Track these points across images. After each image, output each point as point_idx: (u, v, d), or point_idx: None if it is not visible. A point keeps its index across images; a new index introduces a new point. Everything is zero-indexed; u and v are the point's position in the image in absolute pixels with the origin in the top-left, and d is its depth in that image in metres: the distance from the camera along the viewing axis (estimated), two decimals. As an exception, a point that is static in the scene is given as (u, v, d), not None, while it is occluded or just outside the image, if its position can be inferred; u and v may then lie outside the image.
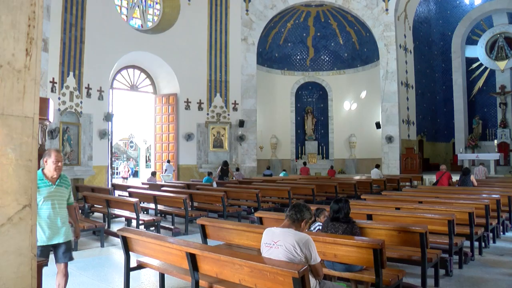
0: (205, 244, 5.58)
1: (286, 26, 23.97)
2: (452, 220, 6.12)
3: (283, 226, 3.82)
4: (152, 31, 20.27)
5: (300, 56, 25.32)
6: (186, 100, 20.57)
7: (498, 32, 25.57)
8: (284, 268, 3.38)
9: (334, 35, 24.45)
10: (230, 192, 12.23)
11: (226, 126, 21.32)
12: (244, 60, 21.87)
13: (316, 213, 5.50)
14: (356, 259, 4.56)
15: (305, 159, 24.27)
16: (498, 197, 8.75)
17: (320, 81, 25.41)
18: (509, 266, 6.37)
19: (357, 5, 22.10)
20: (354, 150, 24.40)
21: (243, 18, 21.89)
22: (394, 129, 21.40)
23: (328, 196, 13.25)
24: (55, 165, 4.47)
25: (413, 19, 23.97)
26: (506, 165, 23.12)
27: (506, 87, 24.96)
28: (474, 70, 26.60)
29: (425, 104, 25.99)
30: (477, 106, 26.79)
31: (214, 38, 21.28)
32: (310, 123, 25.61)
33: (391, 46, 21.63)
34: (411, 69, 23.64)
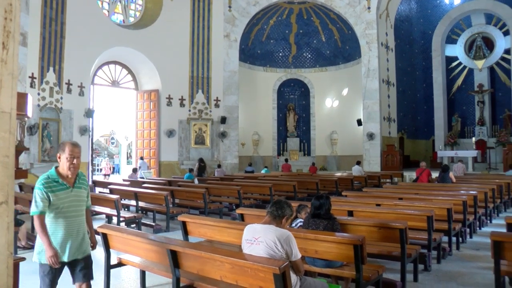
0: (186, 241, 5.58)
1: (268, 23, 23.97)
2: (431, 216, 6.21)
3: (264, 222, 3.83)
4: (134, 26, 20.09)
5: (283, 53, 25.35)
6: (168, 96, 20.45)
7: (476, 32, 25.98)
8: (265, 265, 3.39)
9: (317, 32, 24.53)
10: (212, 188, 12.21)
11: (208, 123, 21.26)
12: (227, 56, 21.81)
13: (298, 210, 5.53)
14: (337, 255, 4.61)
15: (287, 156, 24.34)
16: (476, 194, 8.90)
17: (302, 78, 25.49)
18: (485, 260, 6.48)
19: (339, 3, 22.20)
20: (336, 147, 24.55)
21: (226, 15, 21.82)
22: (375, 126, 21.58)
23: (309, 193, 13.30)
24: (69, 162, 3.66)
25: (395, 18, 24.17)
26: (483, 162, 23.49)
27: (484, 86, 25.34)
28: (453, 69, 26.94)
29: (406, 102, 26.26)
30: (456, 104, 27.15)
31: (196, 34, 21.18)
32: (292, 120, 25.68)
33: (372, 44, 21.79)
34: (392, 67, 23.85)
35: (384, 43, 22.82)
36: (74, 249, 3.68)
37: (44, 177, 3.63)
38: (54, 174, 3.66)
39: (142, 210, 11.35)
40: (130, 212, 10.63)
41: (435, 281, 5.74)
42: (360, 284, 4.44)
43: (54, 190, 3.58)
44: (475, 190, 9.59)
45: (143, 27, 19.99)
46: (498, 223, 9.81)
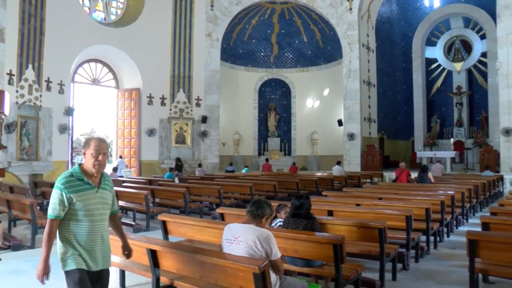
0: (166, 240, 5.55)
1: (250, 22, 23.97)
2: (409, 216, 6.29)
3: (244, 222, 3.83)
4: (115, 24, 19.91)
5: (264, 53, 25.38)
6: (149, 95, 20.33)
7: (455, 35, 26.43)
8: (244, 264, 3.40)
9: (298, 32, 24.62)
10: (192, 188, 12.18)
11: (189, 122, 21.18)
12: (208, 55, 21.76)
13: (277, 209, 5.54)
14: (317, 255, 4.63)
15: (268, 156, 24.38)
16: (453, 194, 9.03)
17: (284, 78, 25.56)
18: (461, 258, 6.59)
19: (321, 4, 22.32)
20: (316, 147, 24.67)
21: (208, 14, 21.77)
22: (355, 127, 21.75)
23: (290, 193, 13.34)
24: (94, 159, 3.22)
25: (376, 19, 24.38)
26: (461, 162, 23.86)
27: (462, 88, 25.78)
28: (433, 71, 27.32)
29: (386, 103, 26.52)
30: (436, 105, 27.54)
31: (178, 33, 21.09)
32: (273, 119, 25.73)
33: (354, 45, 21.95)
34: (373, 68, 24.06)
35: (365, 44, 23.01)
36: (102, 258, 3.30)
37: (66, 175, 3.19)
38: (78, 171, 3.23)
39: (122, 209, 11.26)
40: (110, 211, 10.48)
41: (413, 280, 5.82)
42: (340, 283, 4.47)
43: (77, 190, 3.15)
44: (453, 190, 9.72)
45: (124, 25, 19.83)
46: (474, 222, 9.97)
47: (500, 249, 4.54)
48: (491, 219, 5.81)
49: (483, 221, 5.71)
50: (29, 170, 15.56)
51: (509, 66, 18.10)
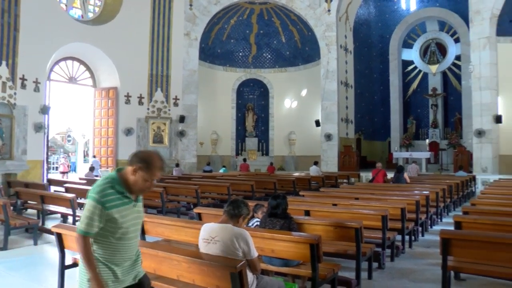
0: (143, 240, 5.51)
1: (229, 22, 23.95)
2: (385, 216, 6.38)
3: (221, 221, 3.84)
4: (93, 22, 19.65)
5: (243, 53, 25.39)
6: (127, 94, 20.14)
7: (430, 38, 26.91)
8: (221, 263, 3.42)
9: (277, 33, 24.69)
10: (170, 188, 12.11)
11: (167, 122, 21.06)
12: (186, 55, 21.67)
13: (254, 209, 5.56)
14: (293, 254, 4.67)
15: (245, 156, 24.39)
16: (428, 194, 9.19)
17: (262, 78, 25.60)
18: (434, 257, 6.71)
19: (300, 5, 22.43)
20: (294, 147, 24.77)
21: (187, 13, 21.67)
22: (333, 127, 21.92)
23: (267, 193, 13.36)
24: (149, 184, 2.93)
25: (354, 21, 24.60)
26: (436, 163, 24.28)
27: (437, 90, 26.25)
28: (409, 72, 27.74)
29: (363, 104, 26.79)
30: (412, 106, 27.94)
31: (156, 32, 20.94)
32: (250, 120, 25.75)
33: (332, 46, 22.11)
34: (351, 69, 24.29)
35: (343, 46, 23.21)
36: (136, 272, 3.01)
37: (106, 187, 2.81)
38: (119, 184, 2.86)
39: (98, 210, 11.11)
40: (86, 211, 10.35)
41: (388, 278, 5.92)
42: (316, 282, 4.51)
43: (117, 205, 2.80)
44: (428, 190, 9.89)
45: (102, 23, 19.59)
46: (448, 221, 10.14)
47: (471, 247, 4.66)
48: (463, 218, 5.93)
49: (455, 220, 5.83)
50: (3, 169, 15.24)
51: (481, 70, 18.52)
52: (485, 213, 6.73)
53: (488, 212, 6.74)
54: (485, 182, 16.24)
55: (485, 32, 18.49)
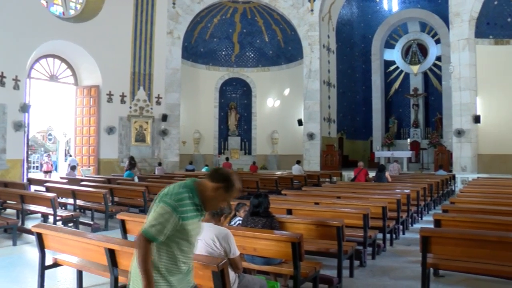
0: (125, 240, 5.49)
1: (212, 21, 23.91)
2: (367, 214, 6.44)
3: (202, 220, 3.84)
4: (75, 19, 19.42)
5: (226, 52, 25.37)
6: (109, 92, 19.97)
7: (412, 39, 27.25)
8: (203, 262, 3.42)
9: (260, 32, 24.72)
10: (152, 187, 12.04)
11: (149, 120, 20.95)
12: (169, 53, 21.58)
13: (236, 208, 5.57)
14: (275, 253, 4.69)
15: (228, 155, 24.40)
16: (409, 192, 9.30)
17: (245, 77, 25.61)
18: (415, 254, 6.80)
19: (283, 4, 22.50)
20: (276, 146, 24.83)
21: (170, 11, 21.57)
22: (315, 127, 22.02)
23: (250, 192, 13.35)
24: (226, 202, 3.03)
25: (337, 21, 24.74)
26: (417, 162, 24.59)
27: (419, 90, 26.59)
28: (391, 72, 28.02)
29: (346, 103, 26.96)
30: (393, 106, 28.22)
31: (139, 30, 20.79)
32: (233, 118, 25.75)
33: (315, 45, 22.22)
34: (333, 68, 24.43)
35: (326, 45, 23.32)
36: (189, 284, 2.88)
37: (185, 197, 2.70)
38: (197, 196, 2.75)
39: (80, 209, 11.04)
40: (68, 211, 10.28)
41: (369, 276, 5.97)
42: (298, 280, 4.54)
43: (191, 217, 2.70)
44: (409, 189, 10.01)
45: (84, 21, 19.37)
46: (428, 219, 10.26)
47: (450, 244, 4.75)
48: (442, 216, 6.02)
49: (435, 218, 5.92)
50: (-19, 168, 15.04)
51: (461, 70, 18.80)
52: (464, 211, 6.82)
53: (467, 210, 6.84)
54: (464, 181, 16.47)
55: (464, 34, 18.78)
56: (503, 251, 4.49)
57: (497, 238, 4.53)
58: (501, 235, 4.64)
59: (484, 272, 5.04)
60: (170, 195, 2.66)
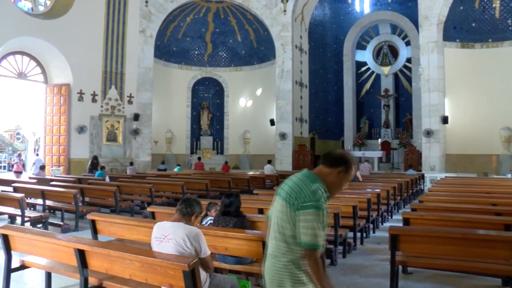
0: (95, 240, 5.44)
1: (185, 20, 23.79)
2: (337, 214, 6.53)
3: (173, 220, 3.84)
4: (44, 16, 19.02)
5: (198, 51, 25.28)
6: (80, 91, 19.66)
7: (383, 40, 27.67)
8: (174, 262, 3.42)
9: (233, 32, 24.72)
10: (123, 187, 11.95)
11: (121, 119, 20.71)
12: (141, 52, 21.38)
13: (208, 208, 5.58)
14: (247, 252, 4.71)
15: (200, 154, 24.34)
16: (379, 192, 9.45)
17: (217, 77, 25.56)
18: (384, 252, 6.92)
19: (256, 4, 22.55)
20: (249, 146, 24.86)
21: (142, 10, 21.37)
22: (287, 126, 22.15)
23: (221, 191, 13.38)
24: (347, 184, 2.84)
25: (309, 22, 24.93)
26: (388, 162, 24.99)
27: (389, 91, 27.02)
28: (363, 73, 28.38)
29: (318, 103, 27.18)
30: (365, 107, 28.60)
31: (111, 28, 20.51)
32: (205, 118, 25.67)
33: (287, 46, 22.34)
34: (306, 69, 24.61)
35: (298, 46, 23.47)
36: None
37: (322, 193, 2.60)
38: (325, 188, 2.66)
39: (50, 209, 10.86)
40: (37, 212, 10.09)
41: (340, 274, 6.06)
42: (269, 279, 4.56)
43: (327, 214, 2.64)
44: (379, 188, 10.15)
45: (54, 17, 18.99)
46: (398, 218, 10.44)
47: (418, 242, 4.88)
48: (411, 215, 6.15)
49: (404, 217, 6.04)
50: None
51: (430, 72, 19.20)
52: (432, 209, 6.98)
53: (434, 209, 7.00)
54: (433, 180, 16.80)
55: (433, 37, 19.19)
56: (468, 247, 4.65)
57: (462, 235, 4.68)
58: (466, 232, 4.80)
59: (450, 268, 5.20)
60: (310, 197, 2.57)
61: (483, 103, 19.12)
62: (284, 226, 2.61)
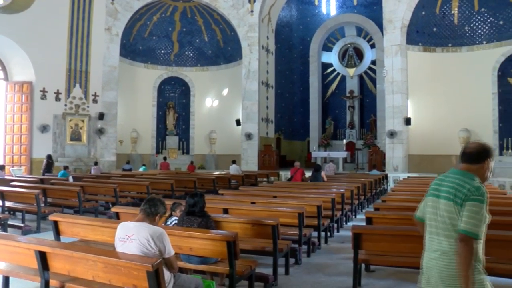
0: (57, 241, 5.35)
1: (152, 19, 23.57)
2: (302, 213, 6.59)
3: (137, 220, 3.82)
4: (4, 10, 18.45)
5: (165, 51, 25.07)
6: (43, 89, 19.21)
7: (348, 42, 28.12)
8: (137, 262, 3.40)
9: (200, 31, 24.63)
10: (87, 187, 11.77)
11: (85, 119, 20.35)
12: (107, 50, 21.06)
13: (172, 208, 5.56)
14: (211, 252, 4.73)
15: (166, 154, 24.14)
16: (343, 191, 9.60)
17: (183, 76, 25.40)
18: (348, 251, 7.03)
19: (223, 4, 22.53)
20: (215, 146, 24.79)
21: (108, 7, 21.04)
22: (253, 127, 22.22)
23: (187, 191, 13.35)
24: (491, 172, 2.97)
25: (276, 23, 25.06)
26: (353, 162, 25.37)
27: (354, 92, 27.45)
28: (328, 75, 28.74)
29: (284, 104, 27.36)
30: (330, 107, 28.97)
31: (76, 26, 20.10)
32: (171, 118, 25.47)
33: (254, 46, 22.41)
34: (272, 69, 24.72)
35: (265, 46, 23.57)
36: None
37: (486, 192, 2.77)
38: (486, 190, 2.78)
39: (10, 211, 10.60)
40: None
41: (304, 273, 6.14)
42: (234, 279, 4.61)
43: None
44: (343, 188, 10.32)
45: (15, 12, 18.45)
46: (362, 217, 10.64)
47: (380, 240, 5.02)
48: (373, 214, 6.29)
49: (367, 216, 6.18)
50: None
51: (393, 75, 19.63)
52: (393, 208, 7.16)
53: (396, 208, 7.18)
54: (396, 180, 17.17)
55: (397, 40, 19.61)
56: (427, 245, 4.78)
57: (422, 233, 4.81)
58: (425, 230, 4.93)
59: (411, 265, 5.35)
60: (482, 192, 2.72)
61: (443, 105, 19.70)
62: (455, 224, 2.77)
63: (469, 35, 20.03)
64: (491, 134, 19.16)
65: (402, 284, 5.63)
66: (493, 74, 19.22)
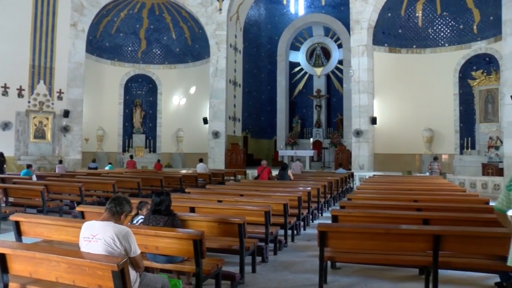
0: (18, 242, 5.24)
1: (119, 15, 23.24)
2: (268, 212, 6.64)
3: (102, 219, 3.78)
4: (-38, 3, 17.97)
5: (132, 48, 24.77)
6: (4, 85, 18.72)
7: (316, 42, 28.41)
8: (102, 262, 3.36)
9: (167, 29, 24.43)
10: (52, 186, 11.53)
11: (50, 116, 19.92)
12: (72, 47, 20.65)
13: (139, 206, 5.53)
14: (177, 251, 4.72)
15: (132, 152, 23.88)
16: (309, 190, 9.70)
17: (151, 74, 25.16)
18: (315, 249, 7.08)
19: (192, 2, 22.44)
20: (182, 144, 24.66)
21: (74, 2, 20.62)
22: (220, 125, 22.21)
23: (154, 190, 13.22)
24: None
25: (245, 21, 25.08)
26: (319, 161, 25.65)
27: (321, 91, 27.77)
28: (296, 74, 28.96)
29: (251, 102, 27.44)
30: (297, 106, 29.20)
31: (39, 20, 19.63)
32: (138, 116, 25.21)
33: (222, 44, 22.38)
34: (240, 68, 24.73)
35: (233, 45, 23.57)
36: None
37: None
38: None
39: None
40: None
41: (271, 271, 6.18)
42: (200, 277, 4.61)
43: None
44: (310, 186, 10.40)
45: (-27, 6, 17.98)
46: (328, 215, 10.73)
47: (345, 238, 5.11)
48: (339, 212, 6.37)
49: (332, 214, 6.26)
50: None
51: (360, 74, 19.96)
52: (359, 206, 7.29)
53: (361, 206, 7.31)
54: (362, 178, 17.45)
55: (363, 41, 19.94)
56: (391, 241, 4.95)
57: (385, 230, 4.96)
58: (388, 227, 5.08)
59: (375, 262, 5.53)
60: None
61: (408, 105, 20.16)
62: None
63: (432, 37, 20.56)
64: (452, 133, 19.75)
65: (367, 281, 5.72)
66: (454, 75, 19.81)
